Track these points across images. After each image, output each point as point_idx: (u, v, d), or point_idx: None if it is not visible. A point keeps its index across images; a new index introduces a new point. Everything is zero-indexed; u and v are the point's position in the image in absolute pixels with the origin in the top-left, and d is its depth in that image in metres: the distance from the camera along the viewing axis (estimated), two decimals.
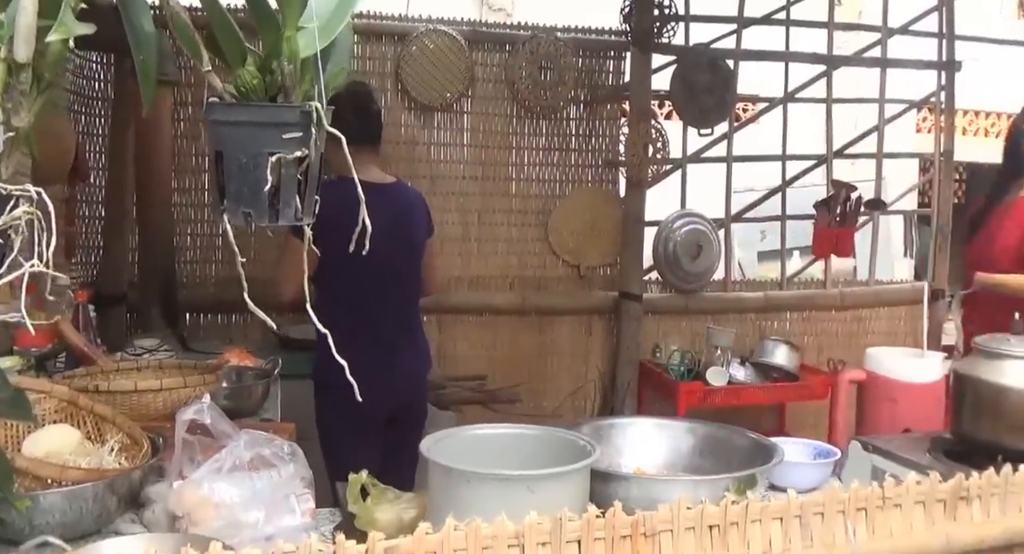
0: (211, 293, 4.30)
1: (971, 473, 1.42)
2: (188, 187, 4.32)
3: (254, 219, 1.05)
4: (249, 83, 1.04)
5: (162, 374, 2.40)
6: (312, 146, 1.06)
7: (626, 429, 2.04)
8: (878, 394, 2.17)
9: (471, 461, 1.56)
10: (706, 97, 4.69)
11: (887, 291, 5.24)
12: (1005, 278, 2.60)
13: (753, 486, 1.80)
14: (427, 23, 4.48)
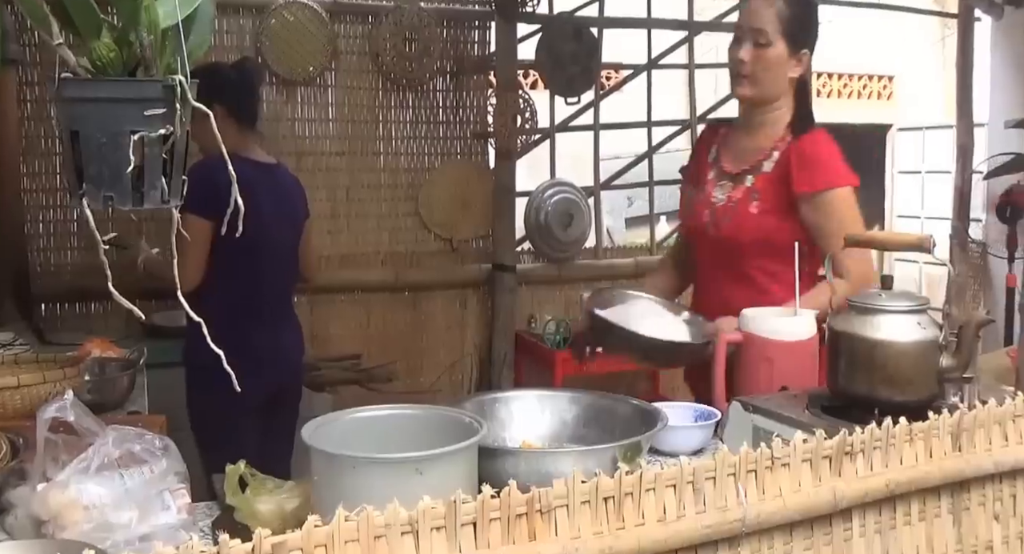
0: (67, 282, 4.10)
1: (851, 428, 1.44)
2: (38, 171, 4.10)
3: (116, 203, 0.98)
4: (106, 56, 0.97)
5: (18, 370, 2.26)
6: (177, 123, 0.99)
7: (509, 403, 2.01)
8: (754, 354, 2.19)
9: (355, 446, 1.52)
10: (572, 66, 4.70)
11: None
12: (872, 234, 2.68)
13: (639, 453, 1.80)
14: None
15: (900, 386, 1.86)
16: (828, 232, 2.43)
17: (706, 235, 2.59)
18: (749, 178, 2.54)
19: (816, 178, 2.48)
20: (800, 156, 2.48)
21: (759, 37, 2.44)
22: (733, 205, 2.54)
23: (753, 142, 2.57)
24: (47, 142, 4.10)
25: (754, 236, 2.51)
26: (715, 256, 2.60)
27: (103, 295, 4.07)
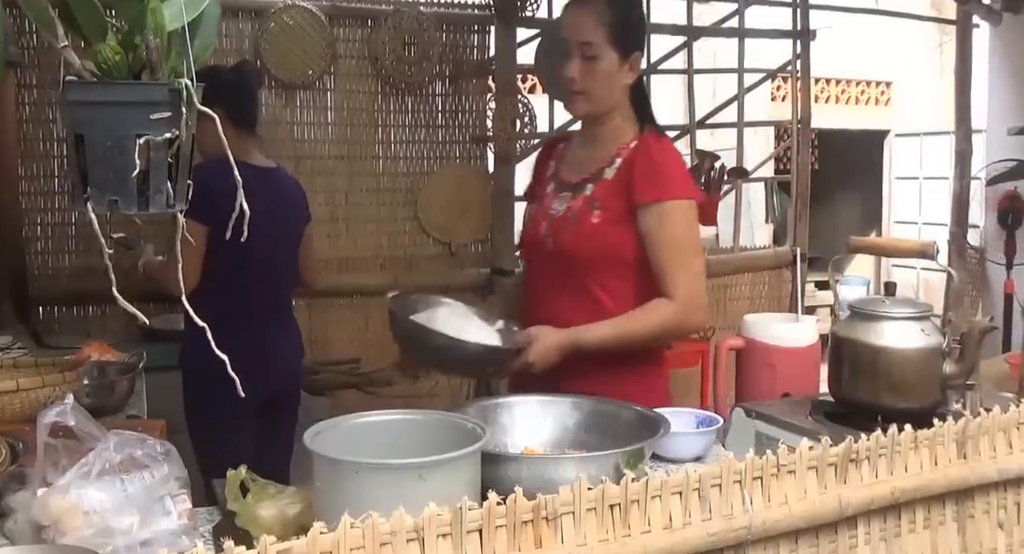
0: (65, 285, 4.10)
1: (854, 434, 1.44)
2: (36, 174, 4.09)
3: (121, 207, 0.97)
4: (111, 59, 0.96)
5: (17, 373, 2.25)
6: (183, 127, 0.98)
7: (511, 408, 2.00)
8: (757, 360, 2.20)
9: (357, 451, 1.50)
10: None
11: (751, 257, 5.37)
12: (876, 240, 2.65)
13: (642, 459, 1.80)
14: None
15: (903, 393, 1.86)
16: (663, 245, 2.30)
17: (542, 248, 2.42)
18: (589, 187, 2.38)
19: (657, 188, 2.31)
20: (643, 164, 2.33)
21: (586, 50, 2.28)
22: (572, 216, 2.37)
23: (593, 152, 2.42)
24: (45, 145, 4.10)
25: (593, 247, 2.36)
26: (550, 270, 2.42)
27: (101, 298, 4.10)
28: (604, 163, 2.37)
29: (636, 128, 2.40)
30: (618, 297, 2.35)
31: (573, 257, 2.36)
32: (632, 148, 2.36)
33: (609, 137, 2.39)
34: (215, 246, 2.91)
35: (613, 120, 2.38)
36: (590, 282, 2.37)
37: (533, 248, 2.46)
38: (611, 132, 2.39)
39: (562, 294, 2.39)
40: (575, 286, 2.38)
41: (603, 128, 2.38)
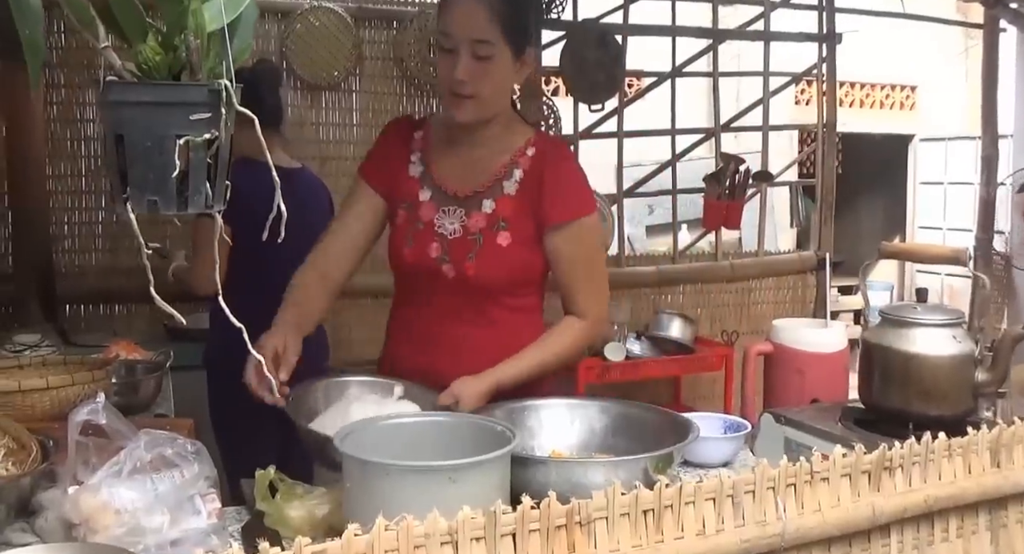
0: (91, 283, 4.12)
1: (885, 442, 1.43)
2: (64, 173, 4.12)
3: (161, 207, 0.97)
4: (152, 60, 0.96)
5: (47, 372, 2.26)
6: (222, 128, 0.98)
7: (539, 411, 2.00)
8: (785, 365, 2.19)
9: (386, 452, 1.50)
10: (596, 73, 4.68)
11: (775, 261, 5.34)
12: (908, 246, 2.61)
13: (671, 464, 1.79)
14: (312, 0, 4.35)
15: (935, 400, 1.84)
16: (577, 264, 2.17)
17: (435, 272, 2.16)
18: (487, 203, 2.15)
19: (571, 207, 2.15)
20: (553, 181, 2.14)
21: (479, 49, 2.01)
22: (475, 239, 2.14)
23: (481, 158, 2.17)
24: (73, 144, 4.13)
25: (503, 273, 2.15)
26: (447, 296, 2.18)
27: (126, 297, 4.12)
28: (500, 174, 2.16)
29: (523, 129, 2.21)
30: (521, 318, 2.23)
31: (480, 284, 2.15)
32: (531, 157, 2.17)
33: (497, 142, 2.17)
34: (240, 247, 2.91)
35: (499, 123, 2.16)
36: (493, 306, 2.19)
37: (418, 268, 2.18)
38: (499, 136, 2.17)
39: (462, 322, 2.19)
40: (477, 312, 2.19)
41: (488, 132, 2.15)
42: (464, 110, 2.07)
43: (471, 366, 2.09)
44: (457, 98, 2.05)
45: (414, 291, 2.24)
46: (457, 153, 2.18)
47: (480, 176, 2.17)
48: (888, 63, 9.47)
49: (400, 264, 2.22)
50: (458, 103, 2.06)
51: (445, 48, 2.04)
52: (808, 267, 5.32)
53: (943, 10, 7.71)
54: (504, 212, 2.14)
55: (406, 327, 2.27)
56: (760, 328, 5.15)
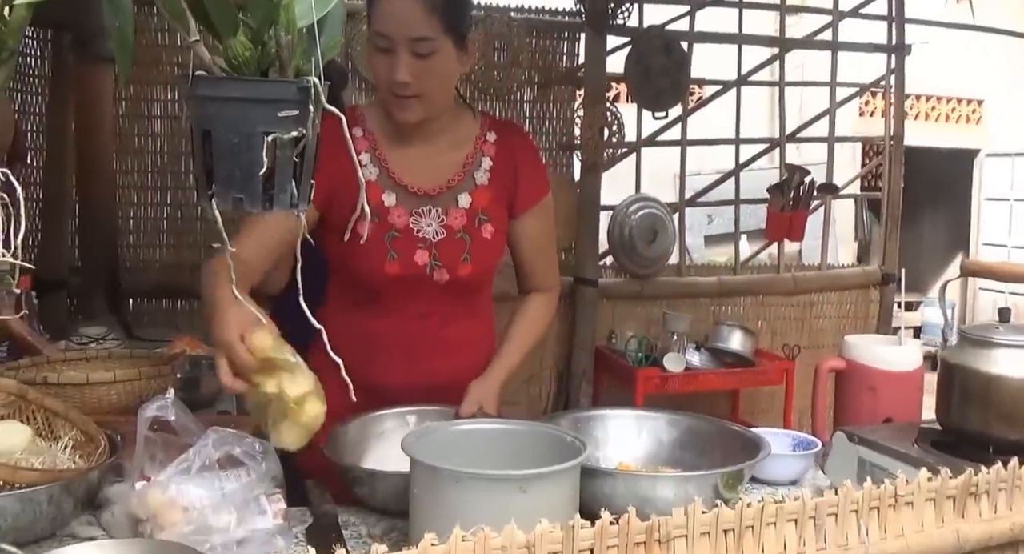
0: (155, 278, 4.16)
1: (964, 465, 1.38)
2: (131, 169, 4.17)
3: (246, 204, 0.96)
4: (241, 55, 0.95)
5: (113, 365, 2.27)
6: (309, 126, 0.97)
7: (606, 421, 1.97)
8: (857, 383, 2.13)
9: (453, 458, 1.47)
10: (661, 80, 4.64)
11: (839, 275, 5.26)
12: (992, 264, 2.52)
13: (741, 481, 1.75)
14: None
15: (1017, 423, 1.78)
16: (544, 242, 2.17)
17: (423, 281, 2.05)
18: (463, 197, 2.06)
19: (539, 187, 2.14)
20: (526, 165, 2.11)
21: (419, 47, 1.87)
22: (463, 236, 2.05)
23: (439, 152, 2.06)
24: (140, 140, 4.18)
25: (491, 266, 2.12)
26: (436, 300, 2.07)
27: (189, 292, 4.14)
28: (468, 165, 2.07)
29: (470, 114, 2.13)
30: (489, 303, 2.22)
31: (473, 283, 2.09)
32: (494, 143, 2.09)
33: (451, 132, 2.07)
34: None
35: (448, 113, 2.06)
36: (478, 299, 2.16)
37: (404, 279, 2.04)
38: (451, 126, 2.07)
39: (453, 321, 2.11)
40: (466, 307, 2.13)
41: (438, 125, 2.04)
42: (410, 111, 1.95)
43: (469, 365, 2.10)
44: (400, 99, 1.93)
45: (389, 302, 2.08)
46: (412, 149, 2.04)
47: (447, 170, 2.06)
48: (955, 76, 9.32)
49: (377, 278, 2.04)
50: (402, 104, 1.94)
51: (380, 48, 1.90)
52: (872, 282, 5.23)
53: (1013, 23, 7.55)
54: (482, 203, 2.07)
55: (380, 340, 2.08)
56: (821, 343, 5.07)
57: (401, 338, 2.08)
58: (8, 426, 1.70)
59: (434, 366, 2.09)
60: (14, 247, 0.92)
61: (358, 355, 1.83)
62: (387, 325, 2.07)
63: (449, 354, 2.11)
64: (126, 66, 1.00)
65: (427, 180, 2.05)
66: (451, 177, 2.06)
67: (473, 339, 2.16)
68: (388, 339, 2.08)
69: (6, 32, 0.99)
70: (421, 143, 2.04)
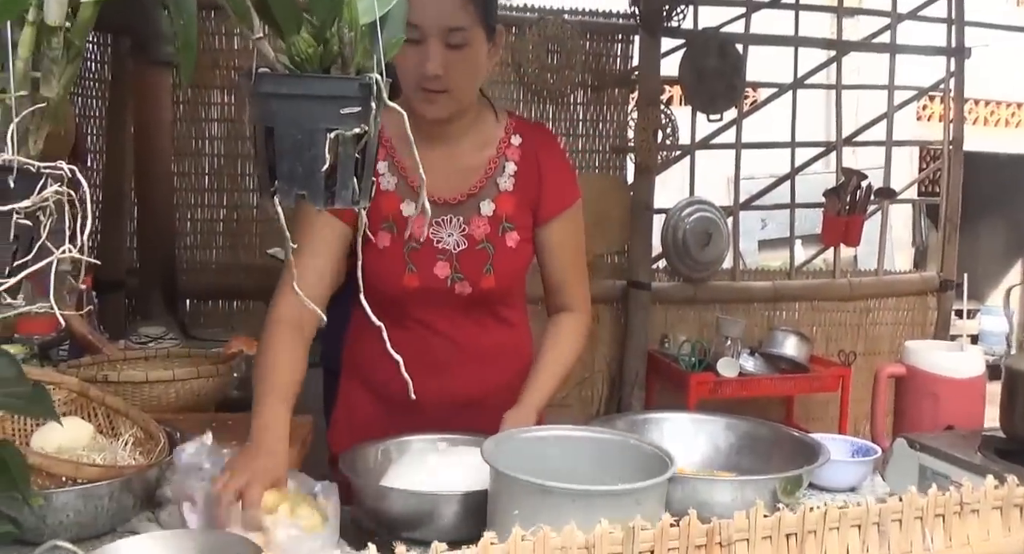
0: (211, 279, 4.21)
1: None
2: (187, 170, 4.22)
3: (309, 200, 0.96)
4: (305, 52, 0.95)
5: (172, 364, 2.31)
6: (372, 122, 0.96)
7: (662, 424, 1.95)
8: (918, 389, 2.09)
9: (529, 467, 1.42)
10: (715, 82, 4.60)
11: (896, 281, 5.18)
12: None
13: (800, 486, 1.73)
14: None
15: None
16: (573, 253, 2.04)
17: (445, 294, 1.96)
18: (486, 204, 1.95)
19: (567, 193, 2.01)
20: (552, 170, 1.99)
21: (452, 38, 1.78)
22: (486, 246, 1.95)
23: (460, 155, 1.95)
24: (198, 142, 4.22)
25: (517, 276, 2.02)
26: (456, 313, 2.00)
27: (244, 293, 4.19)
28: (491, 170, 1.97)
29: (494, 115, 2.01)
30: (523, 313, 2.11)
31: (496, 294, 2.00)
32: (519, 146, 1.98)
33: (474, 134, 1.97)
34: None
35: (472, 111, 1.95)
36: (507, 307, 2.05)
37: (424, 293, 1.95)
38: (474, 127, 1.97)
39: (483, 334, 2.03)
40: (495, 318, 2.04)
41: (461, 123, 1.94)
42: (437, 106, 1.84)
43: (503, 378, 2.02)
44: (428, 94, 1.82)
45: (412, 315, 1.99)
46: (433, 153, 1.89)
47: (469, 176, 1.96)
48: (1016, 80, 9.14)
49: (395, 292, 1.95)
50: (430, 99, 1.83)
51: (410, 39, 1.75)
52: (929, 288, 5.15)
53: None
54: (507, 210, 1.96)
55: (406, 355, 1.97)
56: (877, 349, 5.00)
57: (428, 352, 1.99)
58: (71, 422, 1.73)
59: (464, 380, 2.01)
60: (80, 243, 0.93)
61: (386, 371, 1.84)
62: (412, 339, 1.97)
63: (480, 366, 2.03)
64: (190, 68, 1.00)
65: (448, 188, 1.94)
66: (473, 184, 1.96)
67: (506, 350, 2.06)
68: (415, 353, 1.84)
69: (73, 32, 1.00)
70: (442, 146, 1.93)
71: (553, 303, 2.09)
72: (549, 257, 2.02)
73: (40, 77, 0.97)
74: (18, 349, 2.37)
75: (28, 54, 0.97)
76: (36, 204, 0.95)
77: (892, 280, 5.17)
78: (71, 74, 1.02)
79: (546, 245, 2.01)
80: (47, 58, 0.96)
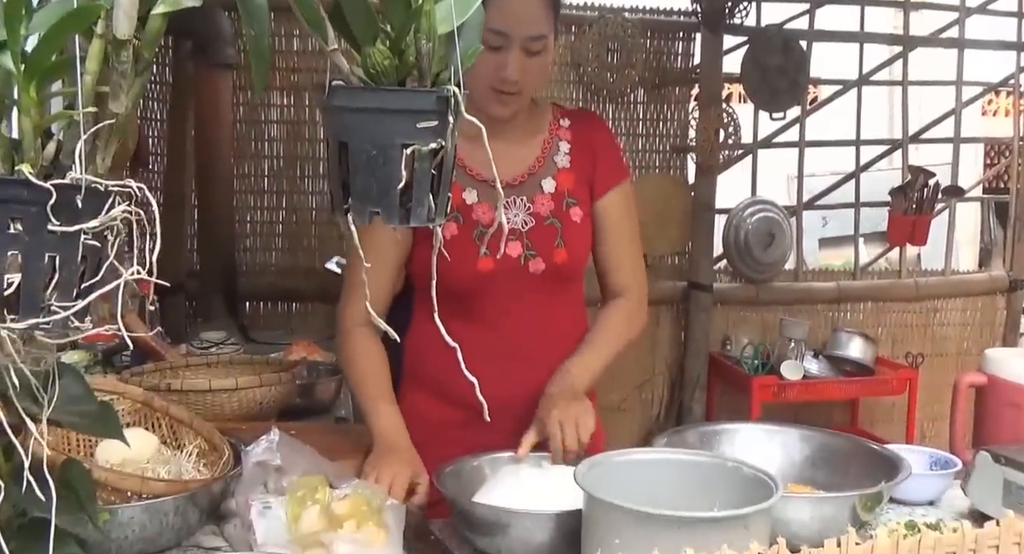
0: (271, 281, 4.21)
1: None
2: (248, 173, 4.22)
3: (383, 219, 0.93)
4: (380, 64, 0.91)
5: (234, 371, 2.29)
6: (448, 137, 0.93)
7: (734, 436, 1.90)
8: (1000, 399, 2.02)
9: (629, 493, 1.38)
10: (779, 80, 4.50)
11: (964, 281, 5.04)
12: None
13: (880, 503, 1.67)
14: None
15: None
16: (627, 232, 2.06)
17: (518, 275, 1.98)
18: (547, 182, 2.01)
19: (619, 167, 2.07)
20: (604, 145, 2.06)
21: (533, 45, 1.86)
22: (554, 222, 1.99)
23: (516, 142, 2.01)
24: (257, 145, 4.22)
25: (585, 250, 2.04)
26: (528, 298, 2.00)
27: (303, 296, 4.19)
28: (546, 150, 2.04)
29: (541, 105, 2.10)
30: (580, 294, 2.12)
31: (568, 270, 2.02)
32: (569, 127, 2.06)
33: (525, 124, 2.03)
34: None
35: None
36: (572, 290, 2.08)
37: (497, 275, 1.95)
38: (526, 118, 2.03)
39: (550, 320, 2.04)
40: (562, 302, 2.05)
41: (518, 116, 2.01)
42: (509, 107, 1.93)
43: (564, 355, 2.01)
44: (502, 96, 1.90)
45: (482, 306, 1.99)
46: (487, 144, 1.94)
47: (526, 158, 2.02)
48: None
49: (471, 278, 1.95)
50: (504, 101, 1.91)
51: (493, 46, 1.82)
52: (999, 288, 5.01)
53: None
54: (568, 186, 2.02)
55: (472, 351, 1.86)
56: (945, 351, 4.88)
57: (495, 346, 1.97)
58: (136, 434, 1.71)
59: (530, 374, 1.98)
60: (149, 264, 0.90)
61: (450, 372, 1.67)
62: (479, 333, 1.94)
63: (547, 358, 2.00)
64: (263, 74, 0.97)
65: (507, 171, 1.99)
66: (531, 164, 2.02)
67: (572, 339, 2.05)
68: (481, 348, 1.79)
69: (142, 44, 0.98)
70: (496, 137, 1.90)
71: (608, 287, 2.11)
72: (605, 234, 2.05)
73: (108, 91, 0.95)
74: (81, 356, 2.38)
75: (97, 68, 0.95)
76: (104, 224, 0.92)
77: (960, 280, 5.04)
78: (140, 87, 1.00)
79: (603, 221, 2.05)
80: (116, 72, 0.94)
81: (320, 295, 3.97)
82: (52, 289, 0.91)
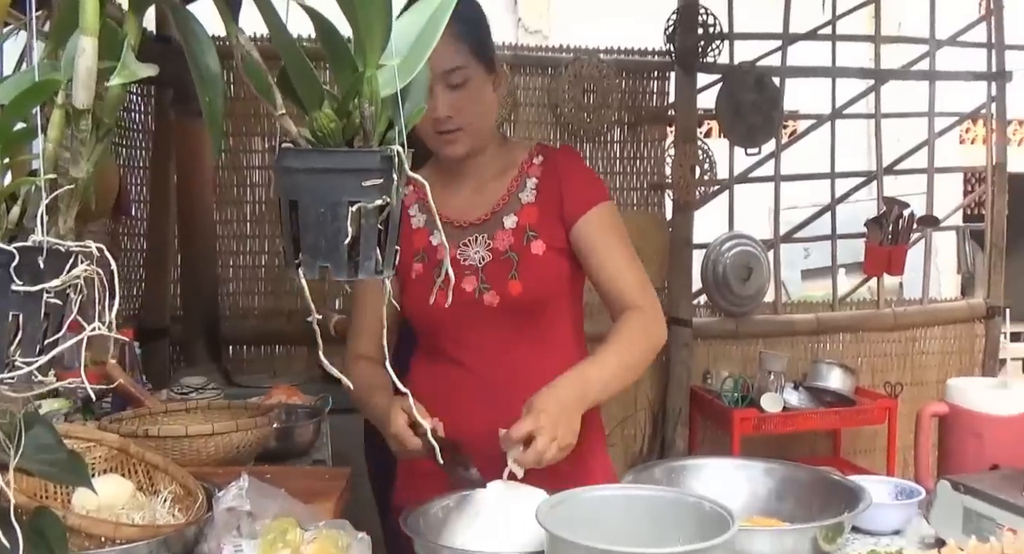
0: (254, 325, 4.25)
1: None
2: (230, 218, 4.28)
3: (332, 273, 0.97)
4: (326, 127, 0.96)
5: (212, 415, 2.32)
6: (394, 193, 0.98)
7: (700, 470, 1.94)
8: (962, 428, 2.06)
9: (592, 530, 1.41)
10: (753, 116, 4.59)
11: (942, 309, 5.11)
12: None
13: (841, 533, 1.71)
14: None
15: None
16: (616, 245, 2.00)
17: (476, 309, 1.99)
18: (509, 219, 2.02)
19: (590, 194, 2.01)
20: (572, 175, 2.02)
21: (452, 79, 1.89)
22: (509, 256, 2.00)
23: (486, 182, 2.06)
24: (239, 190, 4.29)
25: (551, 285, 2.01)
26: (491, 332, 2.01)
27: (286, 339, 4.23)
28: (512, 189, 2.05)
29: (520, 145, 2.13)
30: (573, 338, 2.08)
31: (528, 302, 1.99)
32: (540, 164, 2.05)
33: (496, 163, 2.07)
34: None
35: (493, 143, 2.07)
36: (545, 325, 2.03)
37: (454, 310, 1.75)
38: (496, 157, 2.07)
39: (526, 355, 2.02)
40: (537, 338, 2.03)
41: (484, 157, 2.05)
42: (456, 145, 1.96)
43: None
44: (444, 135, 1.94)
45: (455, 341, 2.04)
46: (458, 187, 2.06)
47: (493, 196, 2.05)
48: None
49: (428, 314, 1.98)
50: (447, 140, 1.95)
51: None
52: (977, 315, 5.08)
53: None
54: (529, 220, 2.01)
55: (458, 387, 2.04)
56: (924, 379, 4.93)
57: (476, 381, 2.01)
58: (111, 481, 1.75)
59: (515, 408, 1.87)
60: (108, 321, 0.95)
61: (441, 408, 1.86)
62: (461, 370, 2.03)
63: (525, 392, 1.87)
64: (218, 139, 1.02)
65: (474, 211, 2.04)
66: (495, 203, 2.04)
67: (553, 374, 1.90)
68: (465, 384, 2.02)
69: (103, 111, 1.03)
70: (468, 179, 2.06)
71: (612, 308, 2.04)
72: (591, 254, 2.00)
73: (68, 157, 0.99)
74: (62, 403, 2.41)
75: (58, 135, 0.99)
76: (66, 283, 0.97)
77: (937, 308, 5.10)
78: (101, 151, 1.04)
79: (584, 243, 2.00)
80: (76, 139, 0.98)
81: (303, 338, 4.02)
82: (16, 346, 0.95)
